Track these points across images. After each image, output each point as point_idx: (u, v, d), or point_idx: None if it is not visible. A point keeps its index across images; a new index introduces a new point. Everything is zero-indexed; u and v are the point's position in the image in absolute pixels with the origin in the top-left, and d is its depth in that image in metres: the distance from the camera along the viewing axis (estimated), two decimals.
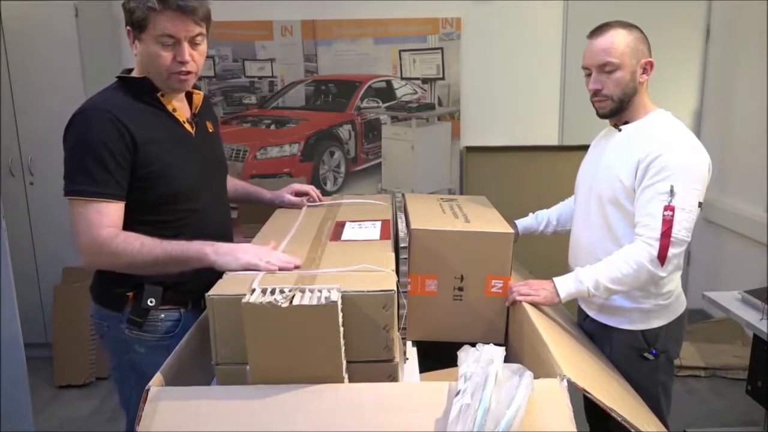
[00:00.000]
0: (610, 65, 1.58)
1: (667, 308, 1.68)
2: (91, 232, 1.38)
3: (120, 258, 1.39)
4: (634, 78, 1.60)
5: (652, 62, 1.62)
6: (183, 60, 1.44)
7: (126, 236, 1.39)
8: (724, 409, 2.85)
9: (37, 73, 3.12)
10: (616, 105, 1.62)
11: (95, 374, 3.17)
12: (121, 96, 1.48)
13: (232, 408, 1.09)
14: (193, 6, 1.41)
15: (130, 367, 1.56)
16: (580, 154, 1.90)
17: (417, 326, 1.60)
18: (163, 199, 1.48)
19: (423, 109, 3.56)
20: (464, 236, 1.57)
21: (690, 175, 1.52)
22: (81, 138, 1.40)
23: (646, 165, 1.54)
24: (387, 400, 1.11)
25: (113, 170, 1.40)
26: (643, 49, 1.61)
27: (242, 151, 3.53)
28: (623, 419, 1.17)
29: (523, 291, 1.55)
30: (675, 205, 1.50)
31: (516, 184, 3.48)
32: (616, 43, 1.58)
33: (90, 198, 1.38)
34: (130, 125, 1.41)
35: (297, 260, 1.32)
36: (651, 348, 1.67)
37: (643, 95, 1.64)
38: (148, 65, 1.46)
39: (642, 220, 1.54)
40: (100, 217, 1.38)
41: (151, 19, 1.39)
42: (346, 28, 3.47)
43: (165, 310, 1.52)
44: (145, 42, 1.43)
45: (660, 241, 1.50)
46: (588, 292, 1.55)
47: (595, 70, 1.61)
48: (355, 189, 3.61)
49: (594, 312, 1.75)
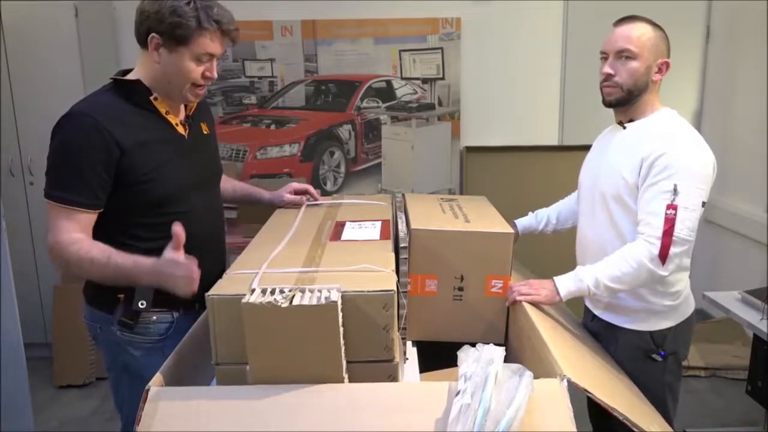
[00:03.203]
0: (628, 52, 1.57)
1: (676, 309, 1.66)
2: (54, 235, 1.40)
3: (70, 267, 1.42)
4: (648, 73, 1.59)
5: (668, 63, 1.62)
6: (212, 77, 1.50)
7: (80, 247, 1.39)
8: (724, 409, 2.85)
9: (37, 73, 3.12)
10: (624, 95, 1.60)
11: (95, 374, 3.17)
12: (111, 99, 1.48)
13: (232, 408, 1.09)
14: (235, 31, 1.49)
15: (123, 369, 1.56)
16: (580, 154, 1.90)
17: (417, 326, 1.60)
18: (152, 202, 1.48)
19: (423, 109, 3.56)
20: (464, 236, 1.57)
21: (694, 174, 1.52)
22: (63, 144, 1.41)
23: (650, 163, 1.53)
24: (387, 400, 1.11)
25: (90, 179, 1.40)
26: (663, 48, 1.61)
27: (242, 151, 3.53)
28: (625, 418, 1.17)
29: (524, 291, 1.55)
30: (678, 204, 1.49)
31: (516, 184, 3.48)
32: (639, 34, 1.58)
33: (63, 205, 1.40)
34: (115, 131, 1.41)
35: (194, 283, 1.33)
36: (659, 349, 1.66)
37: (653, 95, 1.64)
38: (172, 75, 1.46)
39: (644, 218, 1.53)
40: (68, 222, 1.40)
41: (197, 38, 1.42)
42: (346, 28, 3.47)
43: (157, 312, 1.52)
44: (180, 55, 1.44)
45: (662, 239, 1.49)
46: (588, 291, 1.54)
47: (612, 56, 1.60)
48: (355, 189, 3.61)
49: (600, 311, 1.74)
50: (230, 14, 1.48)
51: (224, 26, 1.45)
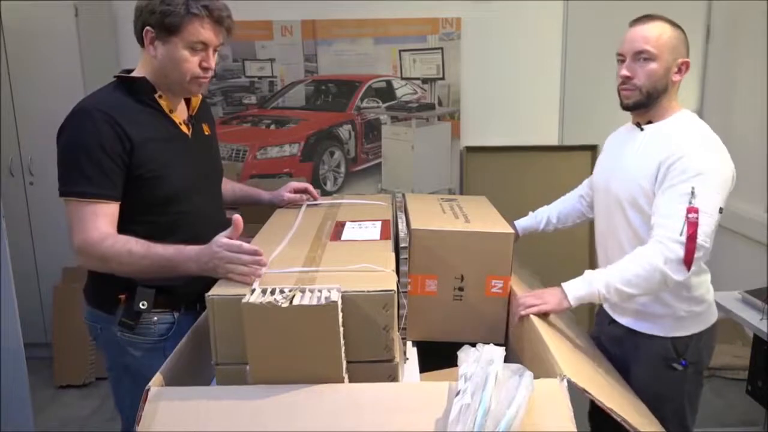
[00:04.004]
0: (646, 53, 1.52)
1: (699, 316, 1.62)
2: (83, 233, 1.38)
3: (107, 262, 1.39)
4: (667, 74, 1.54)
5: (688, 63, 1.56)
6: (209, 66, 1.49)
7: (115, 241, 1.38)
8: (724, 409, 2.85)
9: (37, 73, 3.12)
10: (643, 98, 1.55)
11: (95, 374, 3.17)
12: (117, 96, 1.48)
13: (232, 408, 1.09)
14: (228, 19, 1.48)
15: (124, 370, 1.56)
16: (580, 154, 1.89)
17: (417, 326, 1.60)
18: (156, 200, 1.48)
19: (423, 109, 3.56)
20: (464, 236, 1.57)
21: (713, 179, 1.46)
22: (76, 138, 1.40)
23: (667, 166, 1.48)
24: (387, 400, 1.11)
25: (108, 170, 1.39)
26: (682, 48, 1.55)
27: (242, 151, 3.53)
28: (622, 419, 1.17)
29: (530, 302, 1.48)
30: (698, 207, 1.43)
31: (516, 184, 3.48)
32: (657, 34, 1.53)
33: (85, 199, 1.38)
34: (126, 125, 1.41)
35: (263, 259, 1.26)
36: (680, 358, 1.60)
37: (672, 96, 1.58)
38: (168, 68, 1.46)
39: (659, 221, 1.47)
40: (95, 218, 1.38)
41: (186, 25, 1.42)
42: (346, 28, 3.47)
43: (158, 313, 1.52)
44: (173, 45, 1.44)
45: (686, 244, 1.42)
46: (599, 295, 1.47)
47: (630, 58, 1.55)
48: (355, 189, 3.61)
49: (618, 314, 1.69)
50: (223, 3, 1.48)
51: (215, 13, 1.44)
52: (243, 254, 1.24)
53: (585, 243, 3.37)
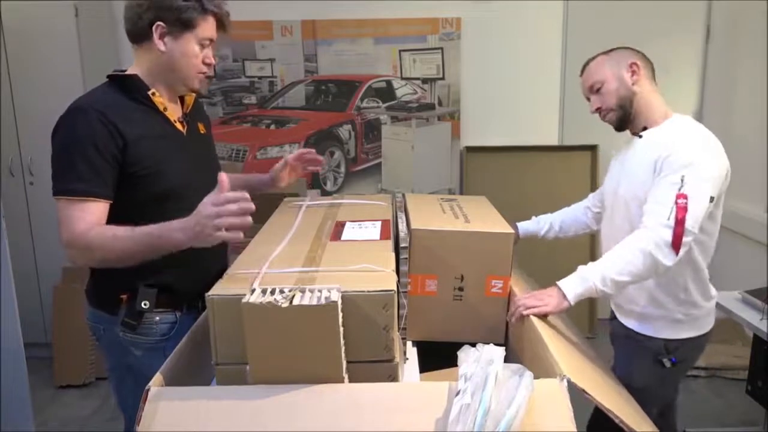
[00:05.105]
0: (595, 84, 1.69)
1: (697, 320, 1.68)
2: (69, 227, 1.38)
3: (94, 251, 1.38)
4: (623, 83, 1.66)
5: (637, 62, 1.66)
6: (212, 62, 1.55)
7: (99, 231, 1.38)
8: (724, 409, 2.85)
9: (37, 73, 3.12)
10: (620, 112, 1.68)
11: (95, 374, 3.17)
12: (111, 94, 1.48)
13: (232, 408, 1.09)
14: (227, 16, 1.55)
15: (126, 370, 1.56)
16: (580, 154, 1.90)
17: (417, 326, 1.60)
18: (152, 197, 1.47)
19: (423, 109, 3.56)
20: (464, 236, 1.57)
21: (703, 169, 1.52)
22: (69, 137, 1.40)
23: (661, 161, 1.55)
24: (387, 400, 1.11)
25: (101, 169, 1.39)
26: (622, 56, 1.68)
27: (242, 151, 3.53)
28: (621, 421, 1.17)
29: (529, 303, 1.49)
30: (687, 193, 1.48)
31: (516, 184, 3.48)
32: (594, 66, 1.71)
33: (75, 197, 1.38)
34: (119, 123, 1.41)
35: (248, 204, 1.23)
36: (671, 356, 1.66)
37: (649, 97, 1.67)
38: (179, 62, 1.50)
39: (649, 207, 1.53)
40: (83, 214, 1.38)
41: (201, 21, 1.48)
42: (346, 28, 3.47)
43: (160, 312, 1.52)
44: (186, 40, 1.48)
45: (674, 228, 1.47)
46: (596, 289, 1.49)
47: (590, 95, 1.73)
48: (355, 189, 3.61)
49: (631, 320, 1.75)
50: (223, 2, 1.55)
51: (223, 10, 1.52)
52: (229, 203, 1.22)
53: (586, 247, 3.38)
